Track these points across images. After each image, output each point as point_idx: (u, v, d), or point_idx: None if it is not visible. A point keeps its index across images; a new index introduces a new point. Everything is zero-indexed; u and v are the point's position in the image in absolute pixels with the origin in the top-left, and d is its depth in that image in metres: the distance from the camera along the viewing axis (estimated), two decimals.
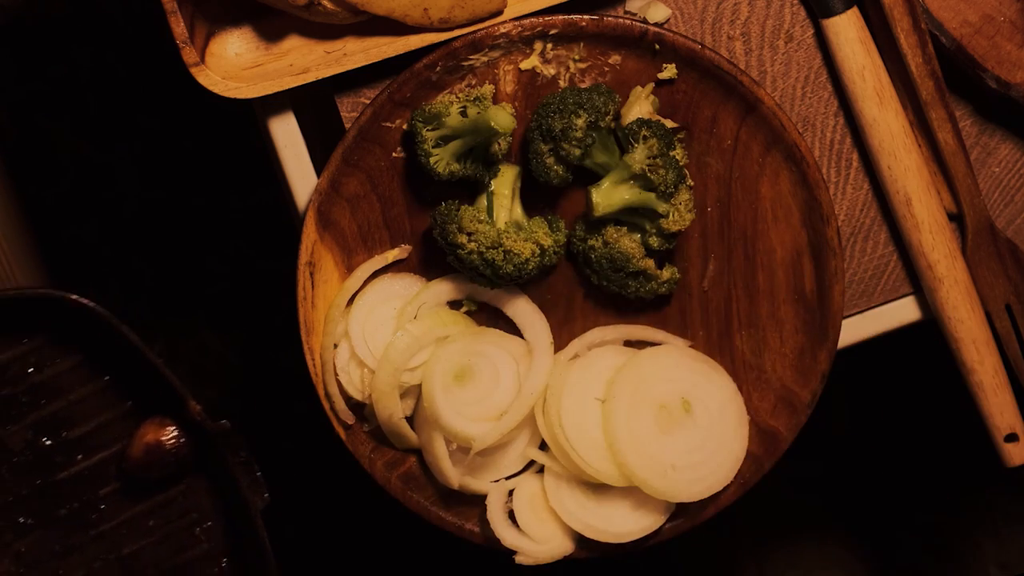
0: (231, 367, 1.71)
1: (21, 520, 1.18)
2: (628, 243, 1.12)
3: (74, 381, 1.18)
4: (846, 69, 1.16)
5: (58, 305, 1.15)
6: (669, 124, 1.14)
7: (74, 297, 1.14)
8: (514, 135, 1.14)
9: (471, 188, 1.14)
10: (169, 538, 1.19)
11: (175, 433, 1.15)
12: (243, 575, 1.19)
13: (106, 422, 1.18)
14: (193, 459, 1.16)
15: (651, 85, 1.13)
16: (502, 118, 1.08)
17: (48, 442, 1.17)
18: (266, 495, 1.14)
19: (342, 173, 1.13)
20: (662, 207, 1.12)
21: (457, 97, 1.12)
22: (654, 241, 1.13)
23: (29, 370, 1.17)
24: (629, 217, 1.13)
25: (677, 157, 1.11)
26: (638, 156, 1.11)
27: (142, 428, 1.15)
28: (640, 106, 1.13)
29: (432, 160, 1.11)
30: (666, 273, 1.14)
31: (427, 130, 1.11)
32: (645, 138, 1.10)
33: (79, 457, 1.17)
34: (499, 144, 1.10)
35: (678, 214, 1.12)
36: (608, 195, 1.11)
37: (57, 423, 1.18)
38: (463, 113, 1.10)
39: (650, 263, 1.13)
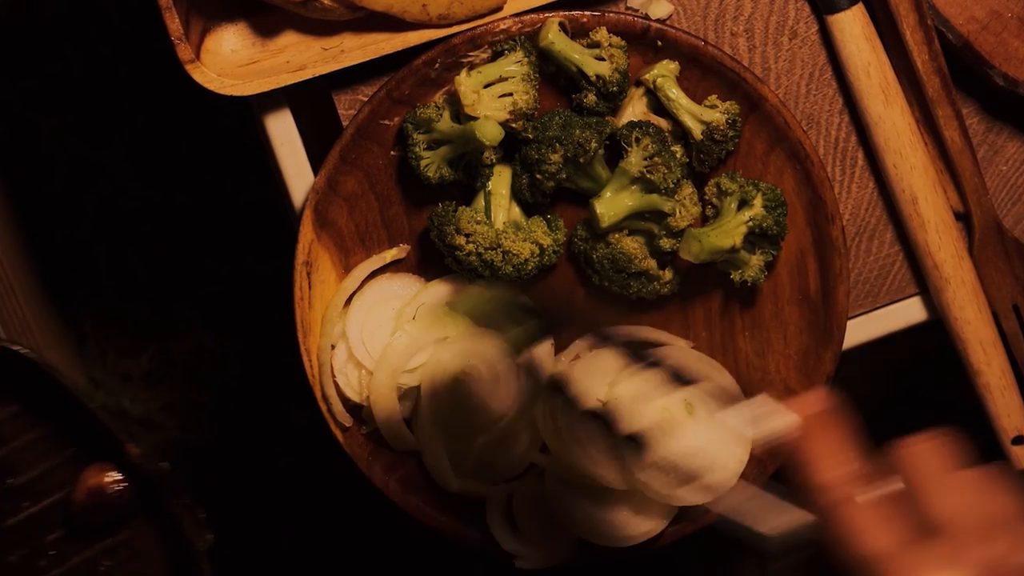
0: (227, 368, 1.71)
1: None
2: (630, 244, 1.11)
3: (16, 429, 1.18)
4: (851, 66, 1.15)
5: None
6: (663, 124, 1.12)
7: (8, 347, 1.13)
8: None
9: (469, 187, 1.13)
10: None
11: (117, 477, 1.15)
12: None
13: (51, 468, 1.18)
14: (139, 502, 1.17)
15: (644, 87, 1.12)
16: (489, 131, 1.06)
17: None
18: (208, 536, 1.15)
19: (339, 172, 1.12)
20: (667, 205, 1.10)
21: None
22: (665, 243, 1.11)
23: None
24: (636, 223, 1.11)
25: (676, 153, 1.10)
26: (634, 159, 1.09)
27: (85, 473, 1.16)
28: (633, 106, 1.12)
29: (423, 164, 1.10)
30: (668, 274, 1.13)
31: (418, 133, 1.09)
32: (638, 140, 1.09)
33: (25, 504, 1.18)
34: (490, 154, 1.09)
35: (684, 209, 1.10)
36: (612, 204, 1.10)
37: (1, 470, 1.17)
38: (455, 119, 1.09)
39: (652, 264, 1.12)
